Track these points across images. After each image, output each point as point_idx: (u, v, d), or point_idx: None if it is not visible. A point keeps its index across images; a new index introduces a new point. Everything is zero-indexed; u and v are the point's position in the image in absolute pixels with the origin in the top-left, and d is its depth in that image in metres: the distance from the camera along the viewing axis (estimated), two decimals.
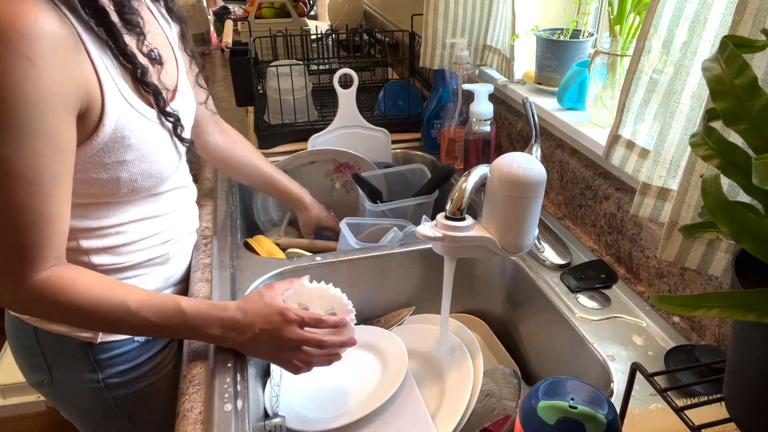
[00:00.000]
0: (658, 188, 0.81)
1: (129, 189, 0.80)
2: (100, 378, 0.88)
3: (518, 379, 0.85)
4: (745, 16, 0.60)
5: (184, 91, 0.91)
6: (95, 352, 0.87)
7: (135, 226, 0.85)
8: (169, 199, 0.90)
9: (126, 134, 0.75)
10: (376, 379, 0.89)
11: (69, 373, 0.89)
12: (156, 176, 0.82)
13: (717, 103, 0.48)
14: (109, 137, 0.74)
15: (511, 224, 0.77)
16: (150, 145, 0.79)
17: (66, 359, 0.88)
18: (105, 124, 0.73)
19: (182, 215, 0.96)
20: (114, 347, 0.88)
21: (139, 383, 0.92)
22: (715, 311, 0.43)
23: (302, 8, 2.49)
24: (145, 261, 0.88)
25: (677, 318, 0.86)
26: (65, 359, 0.88)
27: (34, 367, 0.91)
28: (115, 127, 0.74)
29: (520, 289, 1.03)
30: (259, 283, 0.96)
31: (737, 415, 0.54)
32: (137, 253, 0.86)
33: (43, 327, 0.86)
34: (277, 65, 1.49)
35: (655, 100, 0.84)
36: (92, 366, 0.88)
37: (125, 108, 0.75)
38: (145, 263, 0.88)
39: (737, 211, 0.47)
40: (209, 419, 0.71)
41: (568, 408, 0.51)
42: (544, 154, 1.17)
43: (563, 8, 1.34)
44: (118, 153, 0.76)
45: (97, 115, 0.72)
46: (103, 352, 0.87)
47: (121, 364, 0.89)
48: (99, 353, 0.87)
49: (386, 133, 1.40)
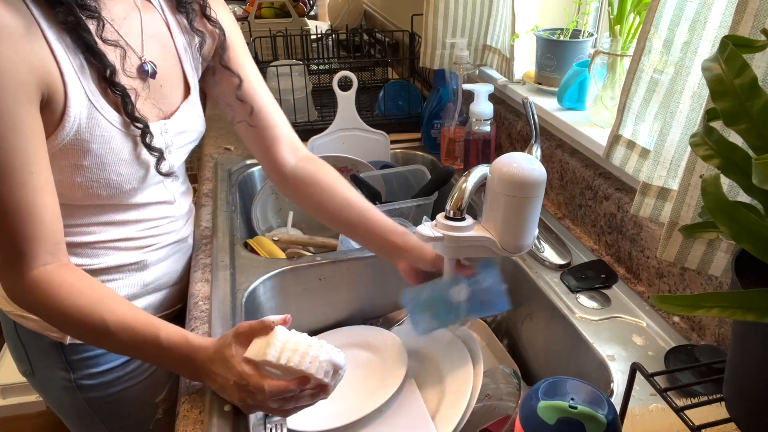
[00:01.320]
0: (658, 188, 0.81)
1: (84, 194, 0.77)
2: (72, 378, 0.88)
3: (518, 379, 0.85)
4: (745, 16, 0.60)
5: (187, 114, 0.86)
6: (66, 353, 0.87)
7: (102, 228, 0.83)
8: (143, 211, 0.86)
9: (87, 138, 0.73)
10: (376, 379, 0.89)
11: (46, 369, 0.90)
12: (114, 187, 0.78)
13: (717, 103, 0.48)
14: (71, 138, 0.71)
15: (511, 224, 0.77)
16: (112, 154, 0.75)
17: (42, 356, 0.88)
18: (68, 120, 0.70)
19: (164, 227, 0.91)
20: (84, 350, 0.87)
21: (112, 387, 0.91)
22: (715, 311, 0.43)
23: (302, 8, 2.49)
24: (117, 266, 0.86)
25: (677, 318, 0.86)
26: (42, 356, 0.89)
27: (19, 357, 0.92)
28: (78, 128, 0.71)
29: (520, 289, 1.03)
30: (258, 283, 0.96)
31: (737, 415, 0.53)
32: (107, 256, 0.84)
33: (21, 323, 0.86)
34: (277, 65, 1.49)
35: (655, 100, 0.84)
36: (65, 365, 0.87)
37: (89, 108, 0.72)
38: (118, 268, 0.86)
39: (737, 211, 0.47)
40: (209, 419, 0.71)
41: (568, 408, 0.51)
42: (544, 154, 1.17)
43: (563, 8, 1.34)
44: (75, 156, 0.73)
45: (60, 110, 0.70)
46: (75, 353, 0.87)
47: (93, 367, 0.89)
48: (70, 354, 0.87)
49: (385, 136, 1.40)
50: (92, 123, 0.73)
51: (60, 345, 0.86)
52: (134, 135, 0.77)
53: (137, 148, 0.78)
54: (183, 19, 0.86)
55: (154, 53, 0.81)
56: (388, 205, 1.20)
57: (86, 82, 0.72)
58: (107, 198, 0.79)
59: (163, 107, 0.83)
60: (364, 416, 0.81)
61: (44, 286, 0.70)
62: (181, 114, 0.86)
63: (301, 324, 1.02)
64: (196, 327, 0.87)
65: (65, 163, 0.73)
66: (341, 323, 1.05)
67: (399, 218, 1.18)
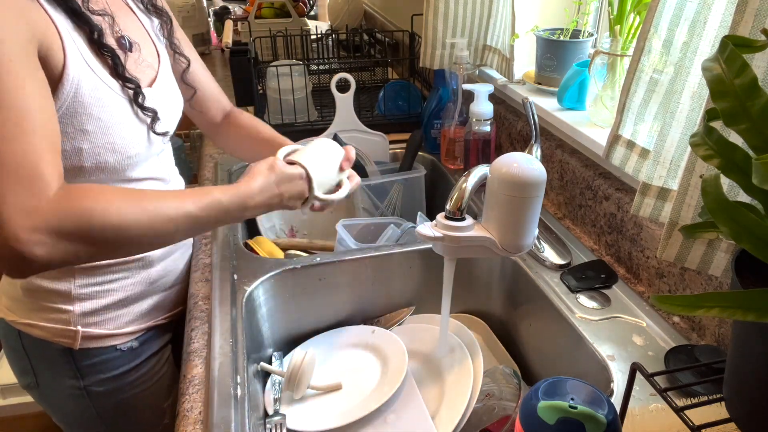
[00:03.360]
0: (658, 188, 0.81)
1: (92, 163, 0.77)
2: (82, 385, 0.88)
3: (518, 379, 0.85)
4: (745, 16, 0.60)
5: (166, 85, 0.89)
6: (77, 359, 0.86)
7: None
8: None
9: (86, 101, 0.73)
10: (376, 379, 0.89)
11: (52, 378, 0.89)
12: (120, 151, 0.78)
13: (717, 103, 0.48)
14: (71, 100, 0.72)
15: (511, 224, 0.77)
16: (112, 116, 0.77)
17: (49, 364, 0.88)
18: (67, 79, 0.70)
19: None
20: (96, 354, 0.87)
21: (122, 393, 0.91)
22: (715, 311, 0.43)
23: (302, 8, 2.49)
24: (121, 263, 0.86)
25: (677, 318, 0.86)
26: (48, 364, 0.88)
27: (21, 370, 0.91)
28: (77, 90, 0.72)
29: (520, 289, 1.03)
30: (258, 284, 0.96)
31: (737, 415, 0.54)
32: None
33: (26, 332, 0.86)
34: (277, 65, 1.49)
35: (655, 100, 0.84)
36: (74, 372, 0.87)
37: (86, 70, 0.73)
38: (122, 266, 0.87)
39: (737, 211, 0.47)
40: (209, 419, 0.71)
41: (568, 408, 0.51)
42: (544, 154, 1.17)
43: (563, 8, 1.34)
44: (79, 121, 0.73)
45: (59, 68, 0.70)
46: (85, 359, 0.87)
47: (104, 372, 0.88)
48: (81, 360, 0.87)
49: (384, 137, 1.40)
50: (90, 85, 0.74)
51: (70, 351, 0.86)
52: (129, 96, 0.79)
53: (133, 109, 0.80)
54: (139, 2, 0.91)
55: (126, 29, 0.84)
56: (375, 179, 1.23)
57: (81, 45, 0.73)
58: (114, 166, 0.79)
59: (143, 77, 0.84)
60: (364, 416, 0.81)
61: (76, 193, 0.64)
62: (161, 82, 0.88)
63: (300, 324, 1.02)
64: (196, 327, 0.87)
65: (70, 129, 0.73)
66: (341, 323, 1.05)
67: (395, 219, 1.18)
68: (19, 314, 0.85)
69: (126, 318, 0.89)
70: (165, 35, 0.94)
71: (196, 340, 0.85)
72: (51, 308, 0.84)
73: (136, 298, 0.90)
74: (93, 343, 0.86)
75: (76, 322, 0.85)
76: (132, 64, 0.82)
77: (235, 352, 0.81)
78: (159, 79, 0.88)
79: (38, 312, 0.84)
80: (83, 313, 0.85)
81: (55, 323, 0.84)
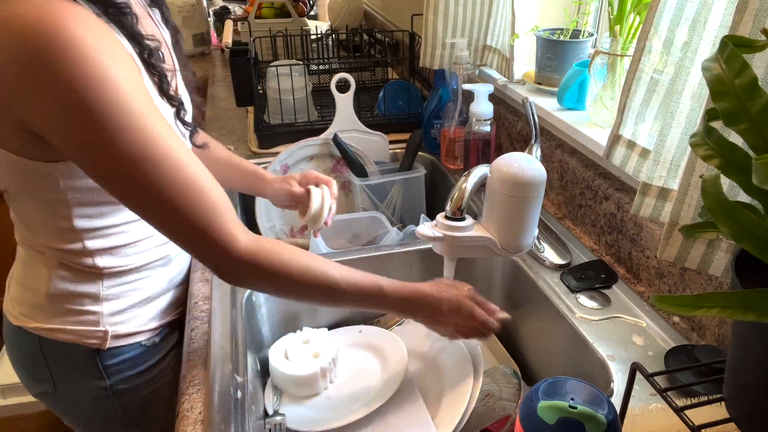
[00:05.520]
0: (658, 188, 0.81)
1: None
2: (107, 385, 0.88)
3: (518, 379, 0.85)
4: (745, 16, 0.60)
5: (184, 96, 0.90)
6: (103, 359, 0.86)
7: (134, 226, 0.84)
8: None
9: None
10: (376, 379, 0.89)
11: (74, 382, 0.89)
12: None
13: (717, 103, 0.48)
14: None
15: (511, 224, 0.77)
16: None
17: (71, 368, 0.87)
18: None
19: None
20: (122, 352, 0.87)
21: (145, 389, 0.91)
22: (715, 311, 0.43)
23: (302, 8, 2.49)
24: (147, 263, 0.87)
25: (677, 318, 0.86)
26: (71, 368, 0.87)
27: (37, 378, 0.90)
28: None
29: (520, 289, 1.03)
30: None
31: (737, 415, 0.54)
32: (139, 255, 0.86)
33: (48, 336, 0.85)
34: (277, 65, 1.49)
35: (655, 100, 0.84)
36: (100, 373, 0.87)
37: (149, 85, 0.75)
38: (147, 265, 0.87)
39: (737, 211, 0.47)
40: (209, 419, 0.71)
41: (568, 408, 0.51)
42: (544, 154, 1.17)
43: (563, 8, 1.34)
44: None
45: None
46: (111, 358, 0.87)
47: (128, 370, 0.89)
48: (107, 359, 0.87)
49: (383, 137, 1.40)
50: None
51: (96, 352, 0.85)
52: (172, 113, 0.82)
53: (177, 125, 0.83)
54: (157, 12, 0.90)
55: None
56: (375, 179, 1.21)
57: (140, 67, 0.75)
58: None
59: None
60: (364, 416, 0.81)
61: (262, 252, 0.72)
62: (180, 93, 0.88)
63: (300, 324, 1.02)
64: (196, 327, 0.87)
65: None
66: (341, 323, 1.05)
67: (372, 213, 1.18)
68: (41, 320, 0.85)
69: (149, 314, 0.90)
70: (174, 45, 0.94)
71: (196, 340, 0.85)
72: (79, 311, 0.84)
73: (158, 295, 0.91)
74: (119, 341, 0.87)
75: (105, 323, 0.85)
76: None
77: (235, 353, 0.81)
78: (179, 91, 0.88)
79: (64, 316, 0.84)
80: (111, 313, 0.85)
81: (84, 325, 0.84)
